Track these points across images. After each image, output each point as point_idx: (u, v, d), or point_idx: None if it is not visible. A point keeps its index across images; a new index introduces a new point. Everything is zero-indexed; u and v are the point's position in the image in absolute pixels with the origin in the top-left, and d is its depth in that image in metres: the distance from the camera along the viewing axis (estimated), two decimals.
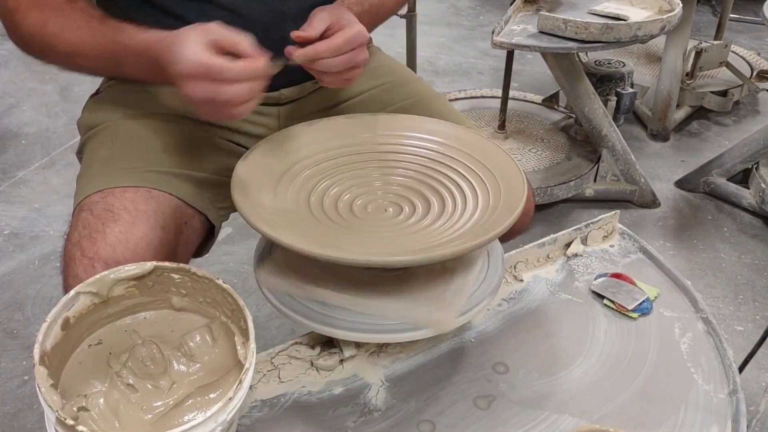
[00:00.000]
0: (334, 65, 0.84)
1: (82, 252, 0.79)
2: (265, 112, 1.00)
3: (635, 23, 1.57)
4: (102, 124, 0.95)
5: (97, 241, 0.79)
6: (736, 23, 3.24)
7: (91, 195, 0.85)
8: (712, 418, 0.72)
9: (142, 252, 0.80)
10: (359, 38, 0.84)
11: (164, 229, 0.84)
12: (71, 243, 0.81)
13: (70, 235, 0.82)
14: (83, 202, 0.85)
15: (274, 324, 1.56)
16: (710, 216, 2.00)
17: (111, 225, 0.80)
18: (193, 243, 0.93)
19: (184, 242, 0.90)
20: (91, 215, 0.82)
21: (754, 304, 1.67)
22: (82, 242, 0.80)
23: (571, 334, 0.82)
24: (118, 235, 0.80)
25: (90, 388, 0.64)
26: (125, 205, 0.83)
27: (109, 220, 0.81)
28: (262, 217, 0.73)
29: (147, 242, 0.81)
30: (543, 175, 1.93)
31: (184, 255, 0.90)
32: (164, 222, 0.85)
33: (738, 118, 2.52)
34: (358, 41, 0.84)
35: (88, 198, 0.85)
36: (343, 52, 0.83)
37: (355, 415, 0.72)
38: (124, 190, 0.85)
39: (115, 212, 0.82)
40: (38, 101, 2.56)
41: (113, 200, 0.83)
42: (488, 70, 2.92)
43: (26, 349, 1.51)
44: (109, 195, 0.84)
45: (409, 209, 0.83)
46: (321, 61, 0.83)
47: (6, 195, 2.04)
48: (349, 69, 0.86)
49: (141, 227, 0.82)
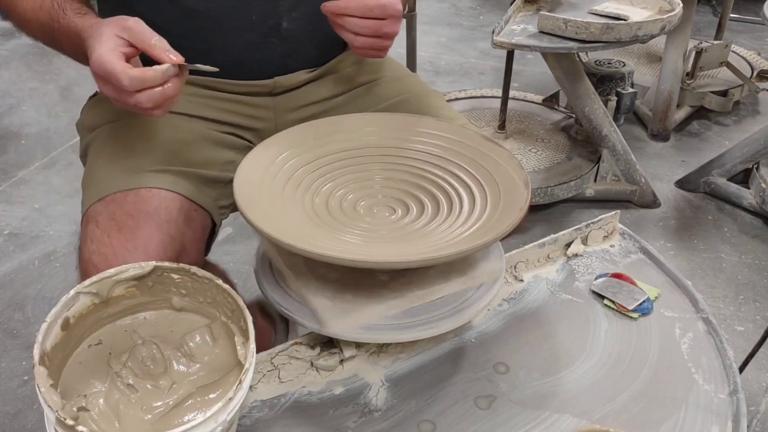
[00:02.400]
0: (362, 26, 0.84)
1: (96, 269, 0.79)
2: (260, 103, 1.00)
3: (636, 23, 1.57)
4: (102, 125, 0.96)
5: (107, 257, 0.81)
6: (737, 23, 3.24)
7: (94, 204, 0.86)
8: (713, 418, 0.72)
9: (151, 252, 0.81)
10: (392, 9, 0.85)
11: (169, 222, 0.85)
12: (83, 259, 0.83)
13: (81, 248, 0.84)
14: (88, 213, 0.86)
15: None
16: (711, 216, 2.00)
17: (116, 235, 0.82)
18: (200, 236, 0.93)
19: (192, 234, 0.90)
20: (96, 227, 0.84)
21: (754, 305, 1.67)
22: (93, 259, 0.81)
23: (571, 335, 0.82)
24: (124, 243, 0.81)
25: (90, 388, 0.64)
26: (127, 209, 0.84)
27: (113, 230, 0.82)
28: (262, 218, 0.73)
29: (155, 242, 0.82)
30: (543, 175, 1.93)
31: (195, 250, 0.90)
32: (169, 217, 0.85)
33: (738, 118, 2.52)
34: (391, 12, 0.85)
35: (93, 207, 0.86)
36: (373, 16, 0.84)
37: (356, 416, 0.72)
38: (125, 194, 0.85)
39: (118, 220, 0.83)
40: (39, 101, 2.56)
41: (115, 208, 0.84)
42: (489, 70, 2.92)
43: (26, 349, 1.51)
44: (111, 203, 0.85)
45: (410, 210, 0.83)
46: (348, 18, 0.84)
47: (6, 195, 2.04)
48: (378, 38, 0.86)
49: (145, 229, 0.83)
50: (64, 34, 0.82)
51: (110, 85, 0.73)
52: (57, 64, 2.76)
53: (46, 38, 0.87)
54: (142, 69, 0.71)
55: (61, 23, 0.82)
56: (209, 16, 0.91)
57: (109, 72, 0.71)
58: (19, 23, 0.89)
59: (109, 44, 0.72)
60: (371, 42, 0.87)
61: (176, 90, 0.75)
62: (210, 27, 0.92)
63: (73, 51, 0.84)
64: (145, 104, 0.73)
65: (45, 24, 0.84)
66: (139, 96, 0.72)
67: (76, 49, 0.82)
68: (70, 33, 0.81)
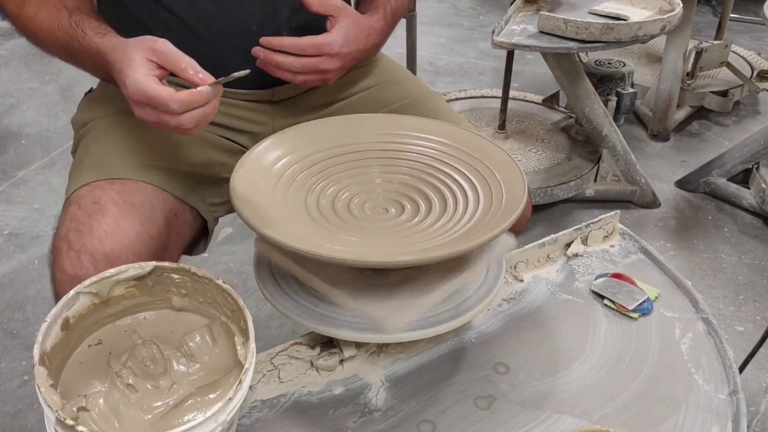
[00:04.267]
0: (298, 66, 0.87)
1: (69, 245, 0.79)
2: (258, 110, 1.00)
3: (636, 23, 1.57)
4: (94, 120, 0.96)
5: (83, 234, 0.79)
6: (737, 23, 3.24)
7: (79, 188, 0.85)
8: (713, 418, 0.72)
9: (129, 243, 0.80)
10: (327, 48, 0.87)
11: (152, 220, 0.84)
12: (59, 236, 0.81)
13: (58, 228, 0.83)
14: (72, 197, 0.85)
15: (274, 324, 1.56)
16: (711, 216, 2.00)
17: (98, 217, 0.81)
18: (185, 236, 0.93)
19: (176, 234, 0.90)
20: (78, 208, 0.82)
21: (754, 305, 1.67)
22: (69, 235, 0.80)
23: (571, 335, 0.82)
24: (105, 227, 0.80)
25: (90, 388, 0.64)
26: (112, 197, 0.83)
27: (96, 212, 0.81)
28: (261, 219, 0.73)
29: (135, 234, 0.81)
30: (543, 175, 1.93)
31: (176, 247, 0.91)
32: (152, 214, 0.85)
33: (738, 119, 2.52)
34: (326, 50, 0.87)
35: (77, 192, 0.85)
36: (307, 54, 0.86)
37: (356, 416, 0.72)
38: (111, 182, 0.85)
39: (102, 204, 0.82)
40: (39, 101, 2.56)
41: (100, 193, 0.83)
42: (489, 71, 2.92)
43: (26, 349, 1.51)
44: (96, 188, 0.84)
45: (409, 209, 0.83)
46: (283, 59, 0.86)
47: (6, 195, 2.04)
48: (316, 72, 0.88)
49: (128, 219, 0.82)
50: (85, 53, 0.83)
51: (149, 109, 0.74)
52: (57, 64, 2.74)
53: (65, 56, 0.87)
54: (188, 92, 0.72)
55: (81, 43, 0.82)
56: (208, 27, 0.91)
57: (152, 98, 0.72)
58: (36, 41, 0.89)
59: (142, 69, 0.73)
60: (312, 78, 0.90)
61: (214, 109, 0.76)
62: (208, 37, 0.92)
63: (95, 70, 0.85)
64: (188, 125, 0.74)
65: (64, 43, 0.84)
66: (182, 118, 0.73)
67: (97, 68, 0.83)
68: (92, 53, 0.81)
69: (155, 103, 0.72)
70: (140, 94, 0.73)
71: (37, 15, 0.86)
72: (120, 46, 0.77)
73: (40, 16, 0.86)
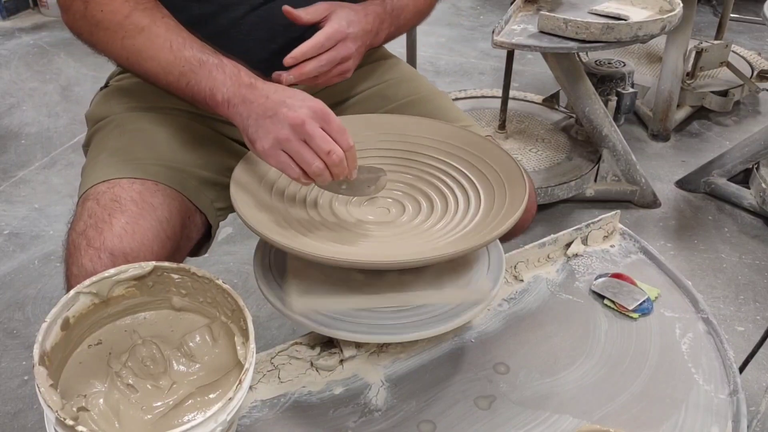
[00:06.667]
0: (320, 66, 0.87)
1: (88, 242, 0.78)
2: None
3: (636, 23, 1.57)
4: (109, 116, 0.96)
5: (103, 231, 0.79)
6: (737, 23, 3.24)
7: (97, 185, 0.84)
8: (713, 418, 0.72)
9: (149, 243, 0.80)
10: (339, 34, 0.86)
11: (170, 222, 0.84)
12: (76, 232, 0.80)
13: (74, 224, 0.82)
14: (89, 192, 0.84)
15: (274, 324, 1.56)
16: (711, 216, 2.00)
17: (118, 216, 0.80)
18: (192, 240, 0.93)
19: (186, 238, 0.90)
20: (97, 205, 0.82)
21: (754, 305, 1.67)
22: (88, 232, 0.79)
23: (571, 335, 0.82)
24: (125, 225, 0.79)
25: (90, 388, 0.64)
26: (132, 196, 0.83)
27: (116, 210, 0.81)
28: (262, 221, 0.73)
29: (154, 234, 0.81)
30: (543, 175, 1.93)
31: (185, 249, 0.91)
32: (170, 215, 0.85)
33: (738, 119, 2.52)
34: (339, 36, 0.87)
35: (95, 188, 0.84)
36: (326, 49, 0.86)
37: (356, 416, 0.72)
38: (131, 181, 0.84)
39: (122, 203, 0.82)
40: (39, 101, 2.56)
41: (120, 191, 0.83)
42: (489, 71, 2.92)
43: (26, 349, 1.51)
44: (116, 185, 0.84)
45: (411, 210, 0.83)
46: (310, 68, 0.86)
47: (6, 195, 2.04)
48: (337, 64, 0.88)
49: (148, 219, 0.81)
50: (214, 66, 0.80)
51: (316, 122, 0.74)
52: (57, 63, 2.76)
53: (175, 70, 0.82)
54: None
55: (212, 59, 0.80)
56: (235, 26, 0.91)
57: (327, 112, 0.75)
58: (135, 54, 0.83)
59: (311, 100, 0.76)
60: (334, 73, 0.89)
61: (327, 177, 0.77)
62: (234, 36, 0.92)
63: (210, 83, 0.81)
64: (313, 168, 0.74)
65: (187, 58, 0.81)
66: (319, 161, 0.75)
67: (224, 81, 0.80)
68: (225, 65, 0.80)
69: (328, 118, 0.74)
70: (317, 109, 0.74)
71: (148, 26, 0.82)
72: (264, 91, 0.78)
73: (153, 29, 0.83)
